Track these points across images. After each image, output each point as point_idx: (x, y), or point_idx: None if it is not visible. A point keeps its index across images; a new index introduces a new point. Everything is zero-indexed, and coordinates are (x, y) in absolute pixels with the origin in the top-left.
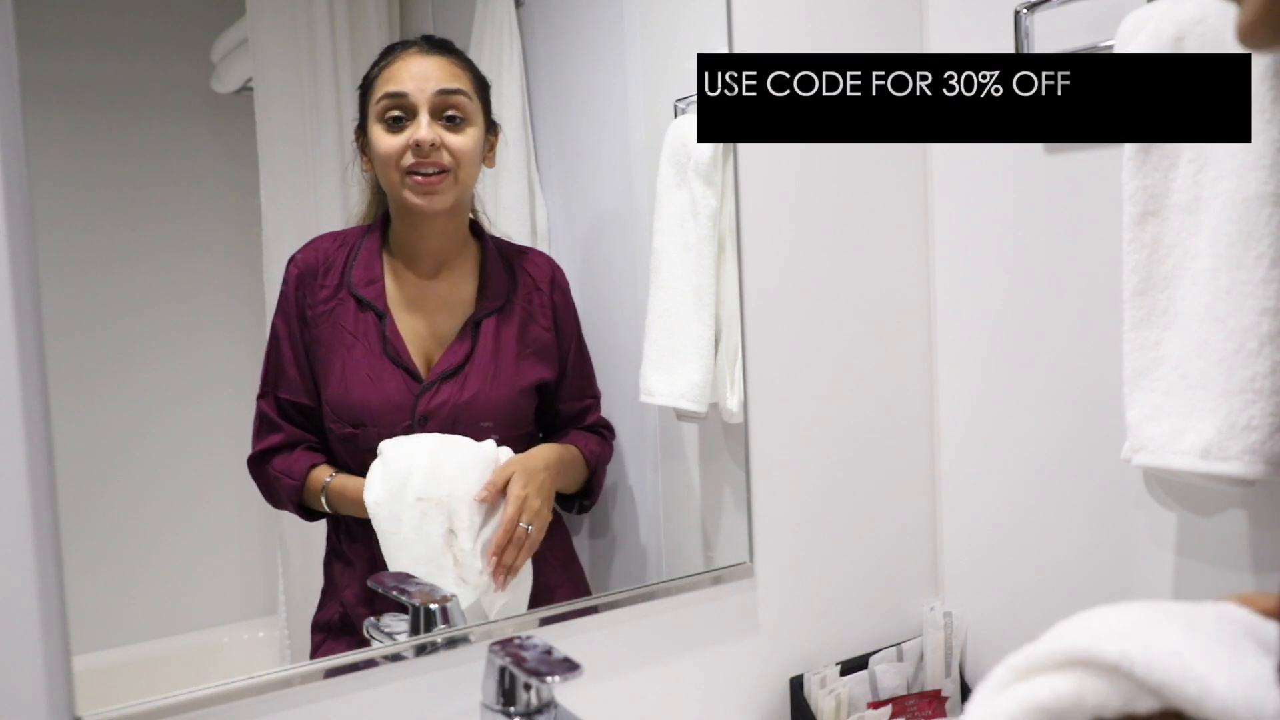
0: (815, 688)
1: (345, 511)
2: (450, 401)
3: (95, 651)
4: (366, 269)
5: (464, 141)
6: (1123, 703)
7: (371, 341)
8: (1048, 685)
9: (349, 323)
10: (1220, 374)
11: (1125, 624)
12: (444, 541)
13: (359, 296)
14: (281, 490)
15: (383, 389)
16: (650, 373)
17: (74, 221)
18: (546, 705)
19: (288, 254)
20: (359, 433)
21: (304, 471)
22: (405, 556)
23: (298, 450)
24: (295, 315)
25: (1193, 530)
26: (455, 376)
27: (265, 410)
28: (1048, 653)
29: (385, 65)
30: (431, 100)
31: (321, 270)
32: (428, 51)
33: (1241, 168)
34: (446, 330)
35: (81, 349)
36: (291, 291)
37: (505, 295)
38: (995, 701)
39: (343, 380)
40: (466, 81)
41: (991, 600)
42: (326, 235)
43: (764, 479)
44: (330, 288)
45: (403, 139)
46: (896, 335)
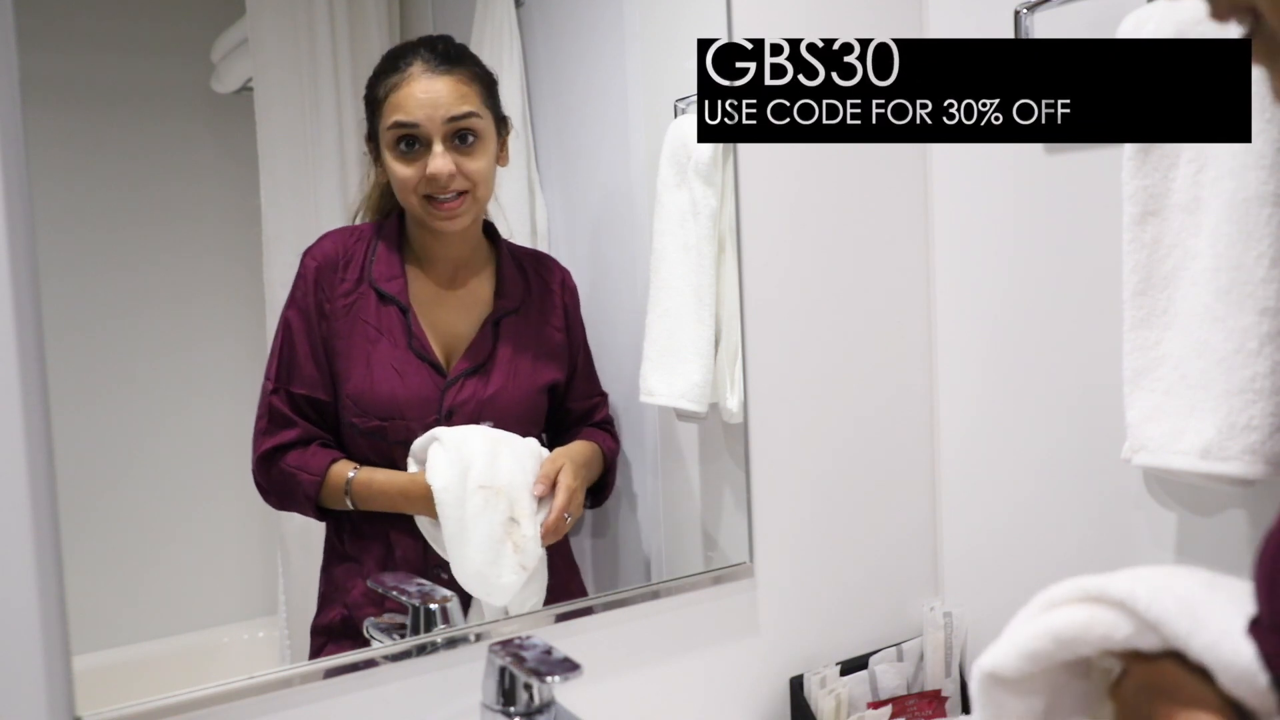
0: (815, 688)
1: (374, 506)
2: (475, 397)
3: (95, 651)
4: (387, 265)
5: (479, 164)
6: (1126, 635)
7: (397, 336)
8: (1064, 614)
9: (371, 316)
10: (1220, 374)
11: (1149, 573)
12: (504, 529)
13: (381, 291)
14: (299, 487)
15: (410, 383)
16: (650, 373)
17: (74, 222)
18: (546, 705)
19: (288, 254)
20: (387, 425)
21: (324, 467)
22: (468, 543)
23: (312, 446)
24: (313, 308)
25: (1193, 530)
26: (479, 373)
27: (278, 405)
28: (1071, 588)
29: (393, 87)
30: (443, 129)
31: (341, 264)
32: (435, 69)
33: (1241, 168)
34: (465, 329)
35: (82, 350)
36: (310, 284)
37: (521, 297)
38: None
39: (369, 374)
40: (475, 98)
41: (991, 600)
42: (340, 230)
43: (764, 479)
44: (351, 281)
45: (418, 169)
46: (897, 335)
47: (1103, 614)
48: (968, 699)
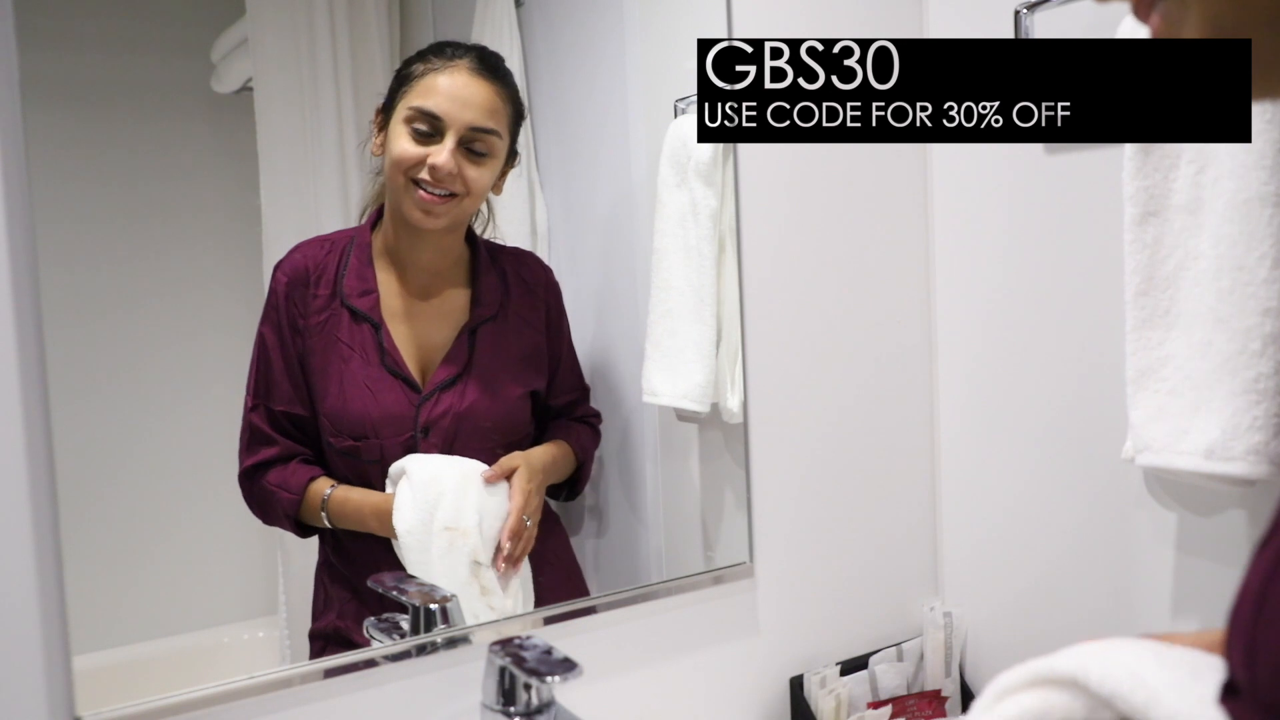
0: (815, 688)
1: (348, 525)
2: (451, 411)
3: (95, 651)
4: (360, 279)
5: (480, 175)
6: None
7: (369, 353)
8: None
9: (344, 334)
10: (1224, 375)
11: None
12: (470, 571)
13: (353, 308)
14: (278, 505)
15: (383, 401)
16: (652, 373)
17: (74, 223)
18: (546, 705)
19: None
20: (360, 445)
21: (302, 485)
22: (435, 582)
23: (293, 463)
24: (286, 324)
25: (1193, 530)
26: (454, 386)
27: (257, 423)
28: (1020, 674)
29: (430, 69)
30: (462, 131)
31: (312, 279)
32: (478, 73)
33: (1242, 168)
34: (441, 339)
35: (82, 350)
36: (282, 300)
37: (499, 303)
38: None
39: (341, 393)
40: (503, 119)
41: (991, 600)
42: (312, 241)
43: (764, 479)
44: (323, 298)
45: (422, 153)
46: (897, 335)
47: (1055, 696)
48: (968, 699)
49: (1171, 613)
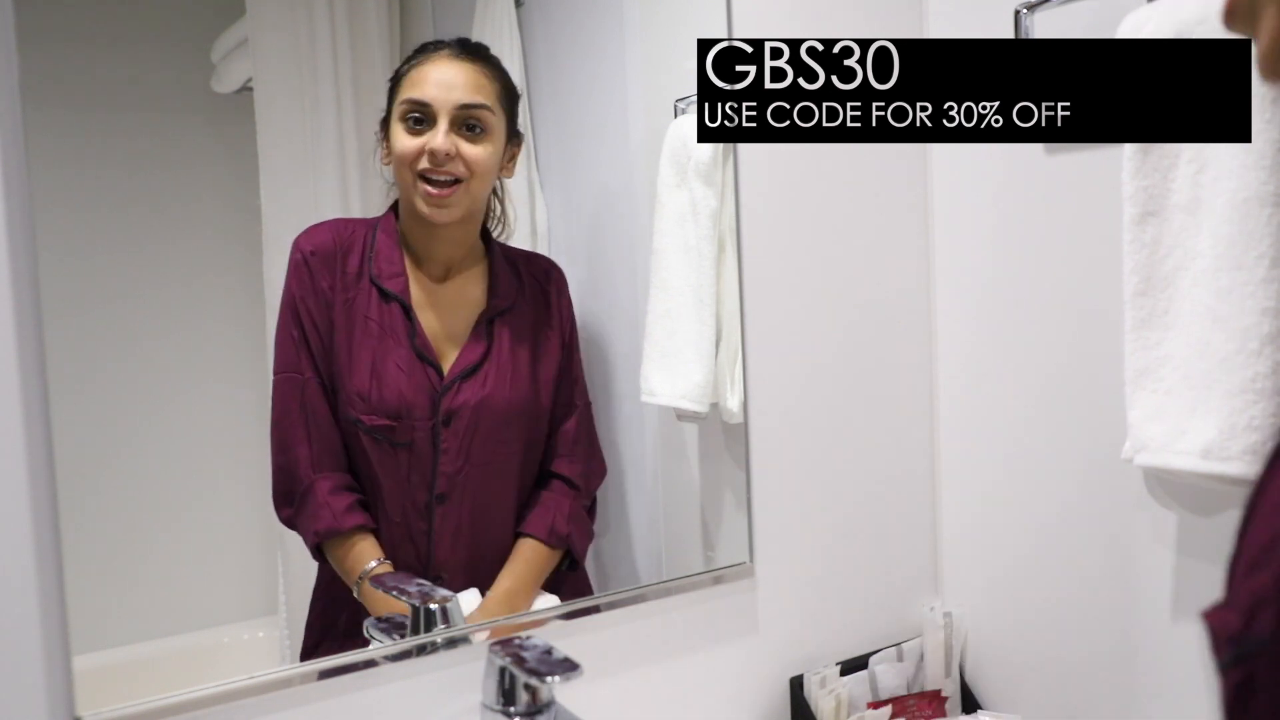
0: (815, 688)
1: (366, 599)
2: (472, 400)
3: (95, 651)
4: (388, 261)
5: (480, 153)
6: None
7: (400, 335)
8: None
9: (374, 313)
10: (1222, 374)
11: None
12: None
13: (383, 288)
14: (317, 520)
15: (414, 383)
16: (652, 373)
17: (75, 223)
18: (546, 705)
19: (288, 253)
20: (396, 425)
21: (349, 528)
22: None
23: (344, 493)
24: (312, 295)
25: (1193, 530)
26: (475, 375)
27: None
28: None
29: (415, 65)
30: (452, 111)
31: (340, 254)
32: (458, 56)
33: (1241, 168)
34: (459, 329)
35: (82, 350)
36: (307, 272)
37: (514, 296)
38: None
39: (374, 371)
40: (492, 94)
41: (991, 600)
42: (335, 221)
43: (764, 479)
44: (351, 274)
45: (420, 143)
46: (897, 335)
47: None
48: (968, 699)
49: (1171, 613)
